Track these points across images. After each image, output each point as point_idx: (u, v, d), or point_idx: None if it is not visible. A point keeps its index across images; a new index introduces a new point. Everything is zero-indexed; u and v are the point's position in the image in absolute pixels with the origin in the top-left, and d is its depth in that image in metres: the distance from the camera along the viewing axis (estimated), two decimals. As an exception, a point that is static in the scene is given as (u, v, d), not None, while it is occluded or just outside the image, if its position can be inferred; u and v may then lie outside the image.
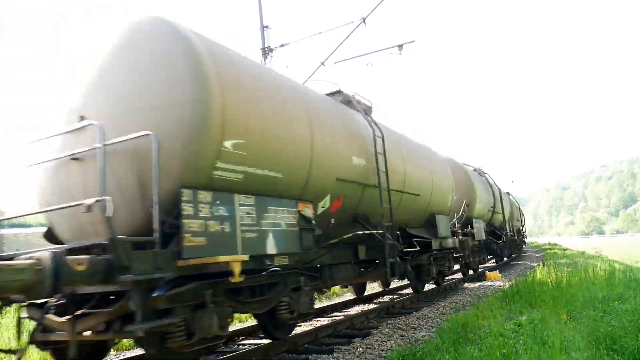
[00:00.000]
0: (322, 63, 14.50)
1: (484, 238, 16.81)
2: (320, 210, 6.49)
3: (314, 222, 6.01)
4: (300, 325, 8.54)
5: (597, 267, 13.48)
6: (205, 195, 4.40)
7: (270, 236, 5.19)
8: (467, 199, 15.69)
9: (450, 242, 11.82)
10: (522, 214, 34.95)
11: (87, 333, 4.31)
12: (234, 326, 8.84)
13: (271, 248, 5.20)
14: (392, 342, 6.75)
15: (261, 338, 7.48)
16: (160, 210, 4.06)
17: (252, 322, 8.96)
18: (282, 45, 15.26)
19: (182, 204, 4.15)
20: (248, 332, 7.95)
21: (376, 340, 6.84)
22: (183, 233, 4.11)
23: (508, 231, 22.26)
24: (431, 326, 7.87)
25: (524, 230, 34.95)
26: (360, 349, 6.36)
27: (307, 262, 6.33)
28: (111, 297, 4.71)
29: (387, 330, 7.51)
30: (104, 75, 4.88)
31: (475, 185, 16.85)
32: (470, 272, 16.27)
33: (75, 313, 4.43)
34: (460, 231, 13.61)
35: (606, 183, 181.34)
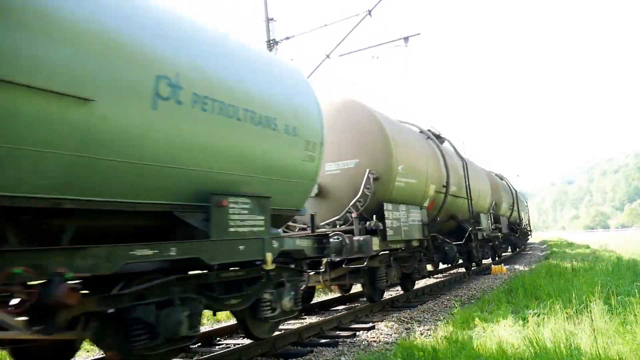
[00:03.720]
0: (327, 56, 14.44)
1: (508, 231, 22.06)
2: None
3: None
4: (305, 318, 8.57)
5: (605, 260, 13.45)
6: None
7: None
8: (495, 199, 19.63)
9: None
10: (527, 207, 35.15)
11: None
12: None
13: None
14: (397, 335, 6.75)
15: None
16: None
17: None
18: (288, 38, 15.19)
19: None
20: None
21: (381, 334, 6.84)
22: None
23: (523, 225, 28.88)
24: (436, 320, 7.86)
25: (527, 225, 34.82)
26: (365, 342, 6.36)
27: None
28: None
29: (392, 323, 7.51)
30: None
31: (500, 188, 21.93)
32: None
33: None
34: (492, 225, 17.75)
35: (612, 177, 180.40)
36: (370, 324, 7.60)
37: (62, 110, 3.31)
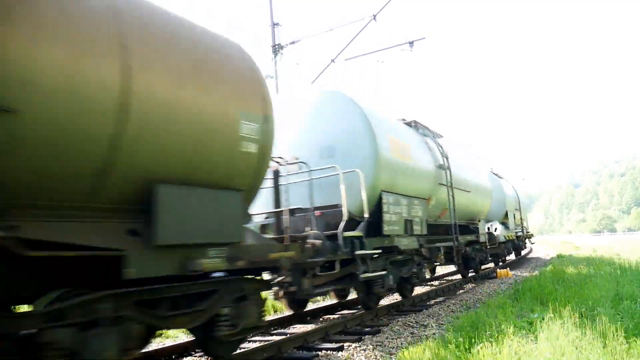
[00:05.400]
0: (333, 60, 14.51)
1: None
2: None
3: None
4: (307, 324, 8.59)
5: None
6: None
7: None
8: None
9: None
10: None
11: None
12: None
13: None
14: (403, 339, 6.76)
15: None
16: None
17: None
18: (293, 43, 15.26)
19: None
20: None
21: (386, 338, 6.85)
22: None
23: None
24: (441, 324, 7.87)
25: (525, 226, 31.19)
26: (371, 346, 6.38)
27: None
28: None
29: (397, 327, 7.52)
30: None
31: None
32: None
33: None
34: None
35: (619, 180, 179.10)
36: (375, 328, 7.62)
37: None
